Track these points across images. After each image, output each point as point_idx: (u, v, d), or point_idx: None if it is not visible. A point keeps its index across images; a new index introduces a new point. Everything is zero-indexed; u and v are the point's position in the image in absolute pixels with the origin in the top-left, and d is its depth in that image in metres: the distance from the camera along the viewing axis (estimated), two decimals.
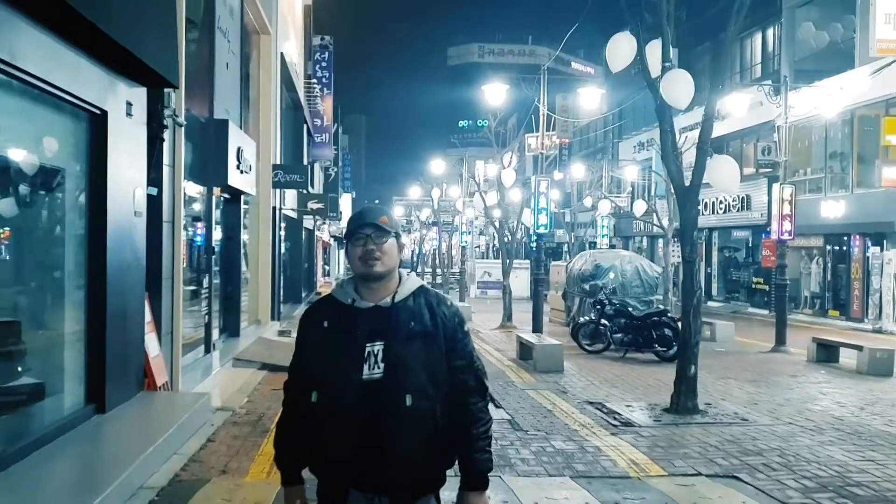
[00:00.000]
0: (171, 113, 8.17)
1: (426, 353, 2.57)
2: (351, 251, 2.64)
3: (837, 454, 6.82)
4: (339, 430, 2.52)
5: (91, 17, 5.25)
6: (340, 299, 2.65)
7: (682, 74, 8.27)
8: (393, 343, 2.54)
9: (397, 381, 2.51)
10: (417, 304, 2.64)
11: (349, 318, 2.58)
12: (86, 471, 5.52)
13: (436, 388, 2.58)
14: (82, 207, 6.52)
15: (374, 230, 2.61)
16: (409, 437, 2.51)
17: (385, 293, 2.63)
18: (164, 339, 8.32)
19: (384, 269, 2.61)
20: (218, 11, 11.57)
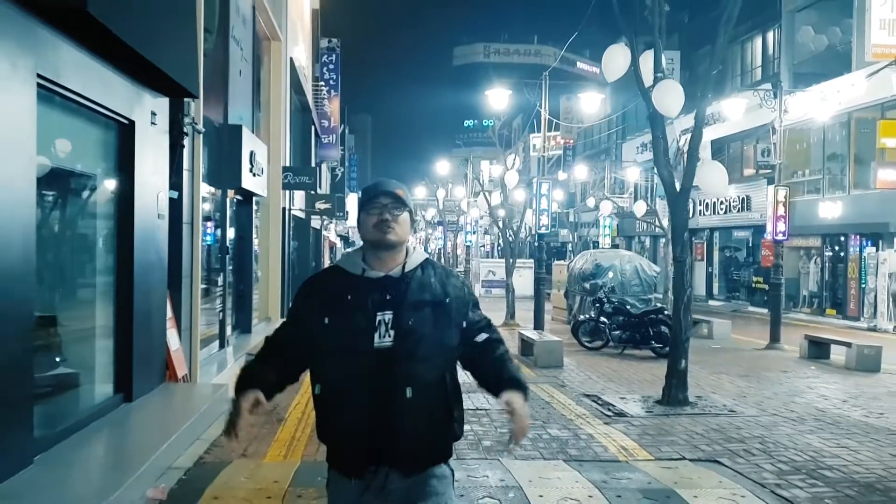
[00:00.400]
0: (191, 121, 8.69)
1: (436, 322, 2.59)
2: (364, 219, 2.66)
3: (814, 442, 7.30)
4: (350, 399, 2.52)
5: (126, 38, 5.75)
6: (349, 269, 2.67)
7: (673, 85, 8.74)
8: (403, 312, 2.56)
9: (407, 350, 2.53)
10: (426, 274, 2.68)
11: (359, 288, 2.59)
12: (120, 452, 6.03)
13: (445, 357, 2.63)
14: (112, 211, 7.02)
15: (392, 200, 2.64)
16: (420, 405, 2.54)
17: (394, 264, 2.65)
18: (184, 334, 8.84)
19: (397, 238, 2.63)
20: (232, 21, 12.09)
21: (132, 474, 5.22)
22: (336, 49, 33.70)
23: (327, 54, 32.91)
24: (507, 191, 22.60)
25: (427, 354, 2.56)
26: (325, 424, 2.64)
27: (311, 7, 26.34)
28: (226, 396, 8.40)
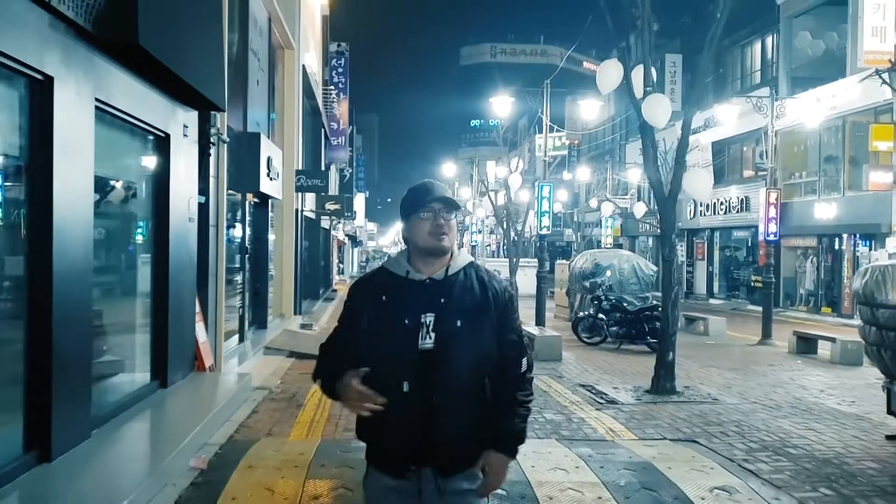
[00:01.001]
0: (216, 131, 9.46)
1: (477, 326, 2.60)
2: (416, 224, 2.66)
3: (785, 425, 8.02)
4: (393, 399, 2.50)
5: (168, 63, 6.51)
6: (395, 271, 2.69)
7: (660, 99, 9.45)
8: (445, 315, 2.58)
9: (448, 353, 2.55)
10: (469, 278, 2.68)
11: (404, 290, 2.62)
12: (162, 430, 6.80)
13: (484, 361, 2.61)
14: (150, 216, 7.79)
15: (444, 205, 2.65)
16: (458, 408, 2.55)
17: (439, 266, 2.67)
18: (210, 328, 9.61)
19: (450, 244, 2.66)
20: (250, 34, 12.86)
21: (176, 447, 5.98)
22: (345, 53, 34.48)
23: (336, 58, 33.68)
24: (510, 192, 23.30)
25: (466, 357, 2.57)
26: (368, 423, 2.59)
27: (321, 14, 27.06)
28: (249, 385, 9.20)
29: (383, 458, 2.64)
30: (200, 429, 6.74)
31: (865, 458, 6.76)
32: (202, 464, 5.97)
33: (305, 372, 10.91)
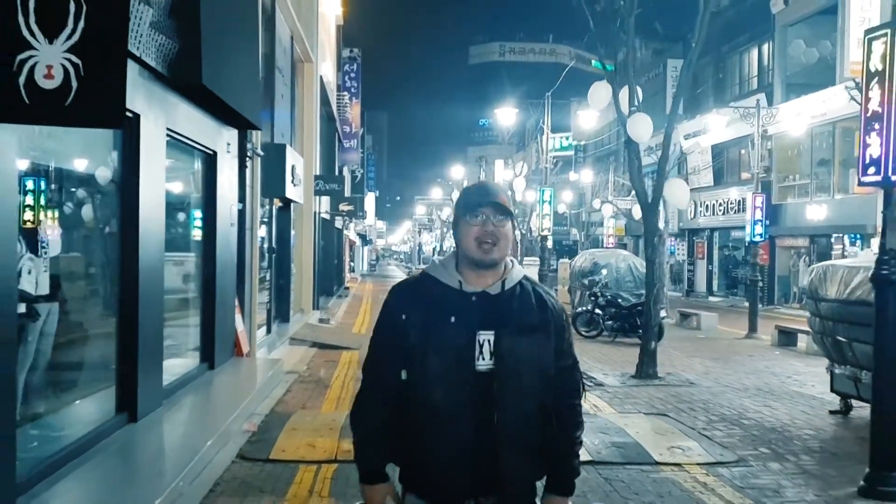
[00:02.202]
0: (252, 147, 10.79)
1: (537, 348, 2.40)
2: (464, 230, 2.41)
3: (747, 403, 9.28)
4: (451, 426, 2.32)
5: (221, 95, 7.80)
6: (444, 281, 2.43)
7: (643, 117, 10.68)
8: (504, 334, 2.36)
9: (508, 375, 2.34)
10: (526, 292, 2.45)
11: (458, 303, 2.38)
12: (216, 402, 8.11)
13: (545, 386, 2.42)
14: (201, 222, 9.10)
15: (494, 210, 2.39)
16: (518, 436, 2.36)
17: (494, 279, 2.43)
18: (245, 319, 10.92)
19: (500, 255, 2.41)
20: (276, 53, 14.17)
21: (231, 415, 7.29)
22: (357, 59, 35.81)
23: (349, 63, 35.00)
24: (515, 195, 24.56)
25: (528, 382, 2.38)
26: (419, 450, 2.40)
27: (335, 24, 28.38)
28: (282, 369, 10.50)
29: (435, 490, 2.40)
30: (248, 402, 8.05)
31: (806, 427, 8.02)
32: (253, 427, 7.29)
33: (328, 359, 12.25)
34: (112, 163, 6.46)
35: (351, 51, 35.70)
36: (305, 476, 5.82)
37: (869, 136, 5.52)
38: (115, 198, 6.52)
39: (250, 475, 5.88)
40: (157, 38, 6.48)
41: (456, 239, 2.47)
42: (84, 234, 6.56)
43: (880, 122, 5.41)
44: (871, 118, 5.51)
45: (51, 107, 3.86)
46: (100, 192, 6.63)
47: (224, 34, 8.06)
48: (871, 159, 5.53)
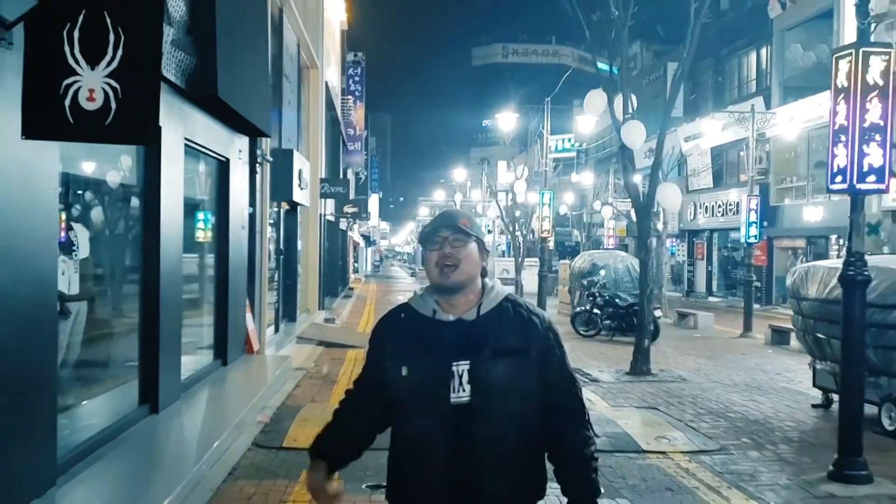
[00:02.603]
0: (262, 153, 11.26)
1: (517, 373, 2.32)
2: (427, 257, 2.40)
3: (734, 398, 9.73)
4: (427, 458, 2.31)
5: (236, 107, 8.27)
6: (419, 310, 2.41)
7: (636, 124, 11.13)
8: (479, 362, 2.29)
9: (485, 406, 2.27)
10: (505, 316, 2.38)
11: (431, 333, 2.34)
12: (230, 396, 8.58)
13: (528, 413, 2.34)
14: (214, 226, 9.57)
15: (452, 232, 2.36)
16: (500, 469, 2.30)
17: (468, 305, 2.37)
18: (255, 318, 11.39)
19: (463, 277, 2.35)
20: (284, 61, 14.64)
21: (245, 407, 7.76)
22: (361, 63, 36.32)
23: (353, 67, 35.50)
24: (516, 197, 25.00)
25: (509, 411, 2.30)
26: (399, 483, 2.41)
27: (340, 29, 28.87)
28: (291, 365, 10.97)
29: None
30: (260, 395, 8.52)
31: (788, 420, 8.47)
32: (266, 418, 7.76)
33: (334, 357, 12.71)
34: (135, 171, 6.93)
35: (355, 55, 36.21)
36: None
37: (836, 148, 5.97)
38: (138, 204, 7.00)
39: (265, 461, 6.35)
40: (176, 55, 6.95)
41: (426, 270, 2.43)
42: (109, 238, 7.04)
43: (846, 135, 5.86)
44: (837, 131, 5.96)
45: (93, 126, 4.32)
46: (123, 199, 7.12)
47: (237, 47, 8.52)
48: (839, 168, 5.98)
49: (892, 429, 7.53)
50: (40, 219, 4.80)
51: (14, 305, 4.46)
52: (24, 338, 4.59)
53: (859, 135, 5.77)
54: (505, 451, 2.30)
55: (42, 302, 4.85)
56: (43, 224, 4.84)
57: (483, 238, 2.45)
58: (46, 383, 4.90)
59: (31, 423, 4.69)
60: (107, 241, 7.00)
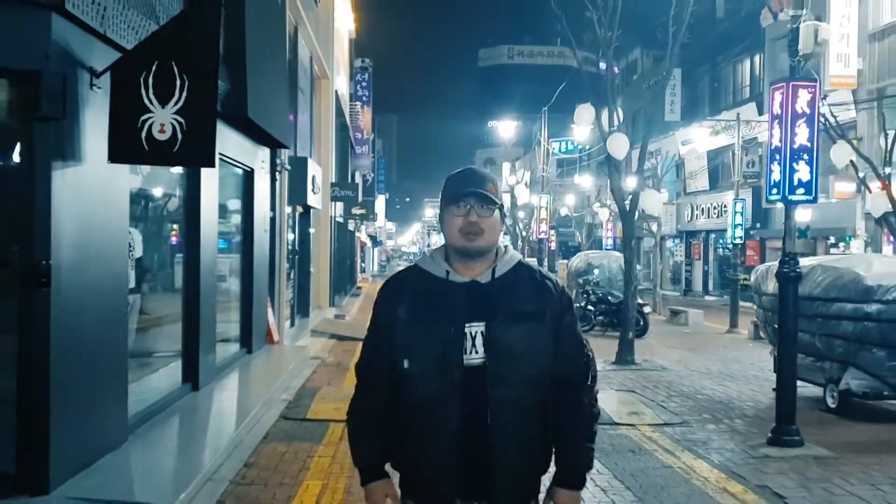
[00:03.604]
0: (281, 163, 12.43)
1: (532, 337, 2.30)
2: (448, 220, 2.35)
3: (706, 383, 10.85)
4: (436, 423, 2.27)
5: (262, 124, 9.42)
6: (431, 272, 2.37)
7: (621, 136, 12.25)
8: (495, 324, 2.27)
9: (500, 369, 2.26)
10: (520, 279, 2.37)
11: (444, 294, 2.32)
12: (258, 378, 9.73)
13: (543, 377, 2.33)
14: (241, 230, 10.73)
15: (479, 200, 2.32)
16: (515, 433, 2.28)
17: (483, 267, 2.35)
18: (275, 313, 12.55)
19: (486, 244, 2.32)
20: (299, 75, 15.81)
21: (272, 388, 8.92)
22: (368, 69, 37.44)
23: (360, 73, 36.61)
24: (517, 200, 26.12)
25: (524, 374, 2.29)
26: (406, 450, 2.38)
27: (348, 38, 30.05)
28: (308, 355, 12.12)
29: (422, 492, 2.37)
30: (283, 378, 9.68)
31: (748, 400, 9.60)
32: (290, 397, 8.92)
33: (346, 349, 13.85)
34: (179, 182, 8.09)
35: (363, 61, 37.34)
36: (335, 430, 7.43)
37: (773, 165, 7.08)
38: (181, 210, 8.16)
39: (292, 429, 7.50)
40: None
41: (442, 230, 2.41)
42: (157, 240, 8.20)
43: (780, 154, 6.97)
44: (773, 151, 7.07)
45: (163, 153, 5.46)
46: (169, 206, 8.29)
47: (261, 70, 9.67)
48: (775, 182, 7.09)
49: (835, 406, 8.64)
50: (116, 227, 5.96)
51: (99, 298, 5.61)
52: (105, 323, 5.75)
53: (790, 155, 6.88)
54: (519, 416, 2.28)
55: (117, 295, 6.01)
56: (117, 231, 6.00)
57: (504, 205, 2.46)
58: (121, 360, 6.06)
59: (111, 391, 5.85)
60: (155, 242, 8.16)
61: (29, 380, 4.88)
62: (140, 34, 6.08)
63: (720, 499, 5.70)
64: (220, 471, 5.88)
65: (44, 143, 4.86)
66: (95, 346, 5.53)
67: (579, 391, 2.41)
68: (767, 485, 6.03)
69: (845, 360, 8.45)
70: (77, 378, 5.18)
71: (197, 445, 6.56)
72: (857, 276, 8.25)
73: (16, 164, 4.97)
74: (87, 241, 5.38)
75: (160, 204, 8.19)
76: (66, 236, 5.02)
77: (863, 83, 23.58)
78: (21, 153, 4.94)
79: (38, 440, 4.85)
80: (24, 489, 4.83)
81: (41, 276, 4.82)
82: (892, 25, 22.88)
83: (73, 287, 5.11)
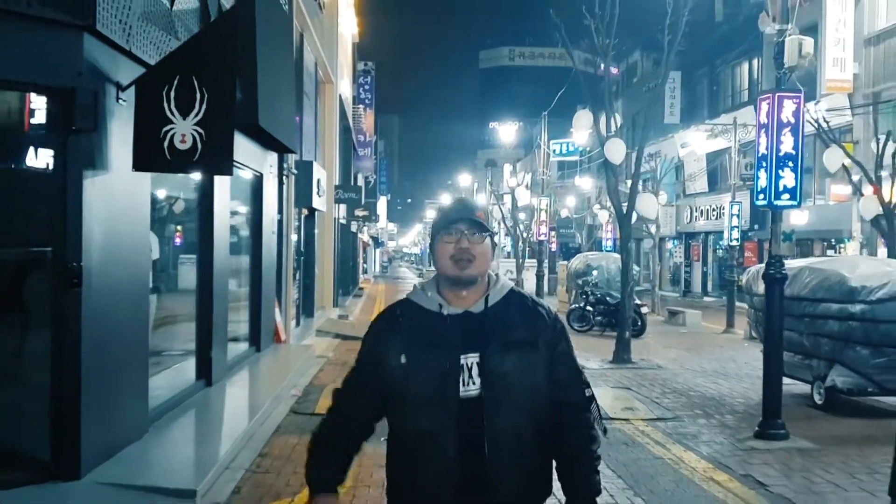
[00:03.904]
0: (288, 167, 12.81)
1: (526, 366, 2.29)
2: (439, 249, 2.34)
3: (699, 381, 11.22)
4: (433, 457, 2.26)
5: (271, 131, 9.80)
6: (424, 305, 2.37)
7: (617, 141, 12.62)
8: (489, 353, 2.27)
9: (496, 399, 2.25)
10: (512, 308, 2.36)
11: (439, 327, 2.31)
12: (267, 375, 10.11)
13: (540, 406, 2.31)
14: (251, 232, 11.11)
15: (469, 226, 2.33)
16: (514, 464, 2.27)
17: (475, 297, 2.35)
18: (282, 312, 12.93)
19: (477, 272, 2.33)
20: (304, 80, 16.18)
21: (281, 384, 9.30)
22: (371, 72, 37.90)
23: (363, 76, 37.06)
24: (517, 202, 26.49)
25: (520, 404, 2.28)
26: (402, 485, 2.38)
27: (352, 42, 30.44)
28: (314, 354, 12.49)
29: None
30: (291, 375, 10.06)
31: (739, 397, 9.97)
32: (298, 393, 9.30)
33: (350, 349, 14.19)
34: (192, 187, 8.47)
35: (365, 64, 37.80)
36: None
37: (759, 172, 7.45)
38: (196, 215, 8.54)
39: (303, 422, 7.87)
40: None
41: (434, 259, 2.40)
42: (173, 242, 8.58)
43: (766, 162, 7.34)
44: (760, 158, 7.44)
45: (184, 161, 5.83)
46: (183, 210, 8.66)
47: (270, 79, 10.04)
48: (761, 188, 7.46)
49: (821, 402, 9.01)
50: (138, 231, 6.35)
51: (123, 298, 5.99)
52: (129, 322, 6.12)
53: (776, 162, 7.25)
54: (517, 446, 2.27)
55: (139, 296, 6.39)
56: (140, 235, 6.38)
57: (494, 233, 2.47)
58: (142, 356, 6.44)
59: (133, 385, 6.23)
60: (170, 244, 8.54)
61: (62, 375, 5.25)
62: (160, 49, 6.46)
63: (706, 486, 6.08)
64: (236, 460, 6.25)
65: (76, 153, 5.24)
66: (120, 344, 5.90)
67: (579, 419, 2.39)
68: (751, 474, 6.40)
69: (831, 358, 8.82)
70: (104, 373, 5.55)
71: (213, 437, 6.93)
72: (842, 277, 8.62)
73: (50, 173, 5.34)
74: (114, 245, 5.75)
75: (175, 208, 8.57)
76: (95, 240, 5.39)
77: (859, 87, 23.94)
78: (55, 163, 5.31)
79: (71, 431, 5.22)
80: (57, 475, 5.20)
81: (73, 277, 5.19)
82: (887, 30, 23.18)
83: (101, 288, 5.48)
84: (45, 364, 5.30)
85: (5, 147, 5.60)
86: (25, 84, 5.19)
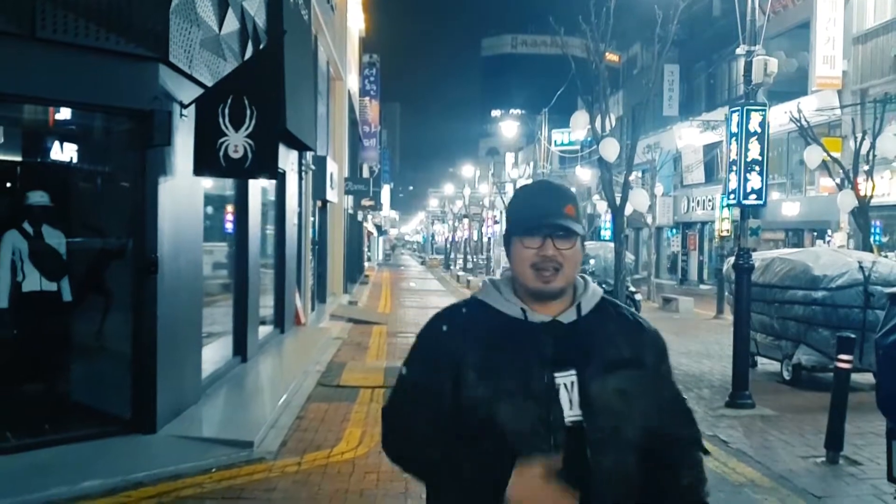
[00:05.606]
0: (307, 164, 13.88)
1: (633, 389, 1.86)
2: (517, 252, 1.89)
3: (683, 361, 12.30)
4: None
5: (297, 133, 10.85)
6: (502, 310, 1.90)
7: (612, 141, 13.64)
8: (589, 374, 1.83)
9: (601, 429, 1.81)
10: (608, 319, 1.93)
11: (524, 337, 1.86)
12: (293, 353, 11.21)
13: (643, 438, 1.88)
14: (275, 224, 12.19)
15: (557, 228, 1.86)
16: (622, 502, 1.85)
17: (562, 305, 1.91)
18: (301, 298, 14.03)
19: (566, 283, 1.89)
20: (318, 80, 17.20)
21: (306, 360, 10.41)
22: (376, 64, 38.82)
23: (368, 68, 37.99)
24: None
25: (628, 438, 1.85)
26: None
27: (358, 37, 31.42)
28: (331, 336, 13.60)
29: None
30: (314, 354, 11.17)
31: (718, 374, 11.07)
32: (322, 368, 10.41)
33: (362, 331, 15.31)
34: (228, 184, 9.55)
35: (371, 56, 38.72)
36: (365, 393, 8.92)
37: (730, 175, 8.51)
38: (232, 209, 9.62)
39: (330, 392, 8.98)
40: None
41: (509, 259, 1.94)
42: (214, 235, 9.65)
43: (736, 166, 8.40)
44: (731, 163, 8.50)
45: (237, 168, 6.90)
46: (221, 205, 9.75)
47: (294, 85, 11.09)
48: (732, 189, 8.53)
49: (789, 378, 10.11)
50: (196, 225, 7.43)
51: (185, 283, 7.08)
52: (189, 303, 7.22)
53: (744, 166, 8.31)
54: (625, 490, 1.85)
55: (196, 280, 7.48)
56: (196, 228, 7.47)
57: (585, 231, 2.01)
58: (197, 332, 7.54)
59: (191, 357, 7.33)
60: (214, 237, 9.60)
61: (140, 346, 6.35)
62: (212, 69, 7.52)
63: None
64: (279, 421, 7.35)
65: (153, 162, 6.32)
66: (183, 321, 7.00)
67: (685, 458, 1.97)
68: (717, 434, 7.50)
69: (797, 339, 9.90)
70: (172, 347, 6.65)
71: (257, 402, 8.04)
72: (806, 267, 9.70)
73: (132, 180, 6.42)
74: (178, 238, 6.84)
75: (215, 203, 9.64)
76: (166, 233, 6.47)
77: (847, 84, 24.98)
78: (136, 171, 6.39)
79: (148, 393, 6.33)
80: (136, 430, 6.31)
81: (151, 266, 6.28)
82: (875, 29, 24.16)
83: (171, 274, 6.57)
84: (126, 338, 6.40)
85: (95, 158, 6.69)
86: (112, 108, 6.27)
